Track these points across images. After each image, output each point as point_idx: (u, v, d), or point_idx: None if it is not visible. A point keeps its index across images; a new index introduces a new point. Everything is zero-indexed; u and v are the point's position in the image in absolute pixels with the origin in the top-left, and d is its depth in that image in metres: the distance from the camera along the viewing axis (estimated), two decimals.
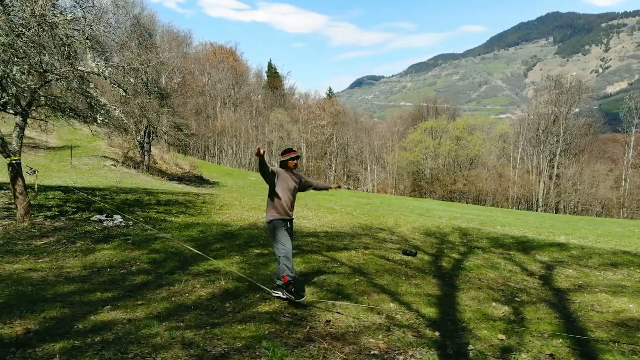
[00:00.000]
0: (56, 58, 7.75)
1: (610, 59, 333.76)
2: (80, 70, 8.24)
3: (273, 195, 5.07)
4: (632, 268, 7.87)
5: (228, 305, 4.82)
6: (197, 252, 6.67)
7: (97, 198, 11.89)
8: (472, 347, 3.83)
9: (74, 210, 9.86)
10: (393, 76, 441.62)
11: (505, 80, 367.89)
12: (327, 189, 5.94)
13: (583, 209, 37.45)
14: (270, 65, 77.38)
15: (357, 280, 5.85)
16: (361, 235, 10.28)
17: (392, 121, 62.50)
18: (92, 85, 8.59)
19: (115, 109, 8.59)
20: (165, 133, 28.35)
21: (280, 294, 4.97)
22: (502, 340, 3.97)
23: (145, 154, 27.94)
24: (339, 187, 5.95)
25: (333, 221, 12.50)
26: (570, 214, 35.12)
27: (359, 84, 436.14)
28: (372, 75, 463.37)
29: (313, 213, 13.72)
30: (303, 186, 5.44)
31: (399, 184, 49.49)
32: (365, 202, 23.25)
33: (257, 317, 4.42)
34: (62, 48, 7.95)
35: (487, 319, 4.51)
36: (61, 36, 7.81)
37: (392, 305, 4.81)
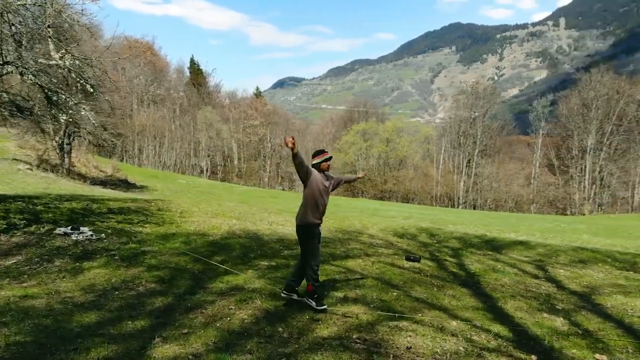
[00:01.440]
0: (12, 48, 6.63)
1: (504, 67, 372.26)
2: (42, 63, 7.12)
3: (308, 197, 4.89)
4: (600, 264, 8.75)
5: (281, 329, 4.42)
6: (230, 269, 6.10)
7: (39, 207, 10.36)
8: None
9: (24, 222, 8.46)
10: (314, 78, 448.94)
11: (415, 85, 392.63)
12: (355, 179, 5.92)
13: (497, 205, 41.51)
14: (192, 62, 73.90)
15: (395, 293, 5.67)
16: (347, 239, 10.20)
17: (323, 123, 63.28)
18: (54, 81, 7.48)
19: (84, 109, 7.54)
20: (89, 133, 25.62)
21: (313, 303, 4.89)
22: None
23: (65, 156, 25.03)
24: (365, 175, 5.74)
25: None
26: (487, 210, 38.63)
27: (280, 84, 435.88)
28: (294, 77, 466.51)
29: (281, 217, 13.35)
30: (334, 185, 5.27)
31: None
32: None
33: (326, 344, 4.06)
34: (19, 36, 6.81)
35: (559, 334, 4.50)
36: (15, 23, 6.69)
37: (454, 323, 4.68)
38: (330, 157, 5.10)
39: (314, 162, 5.06)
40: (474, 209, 40.88)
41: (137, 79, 58.89)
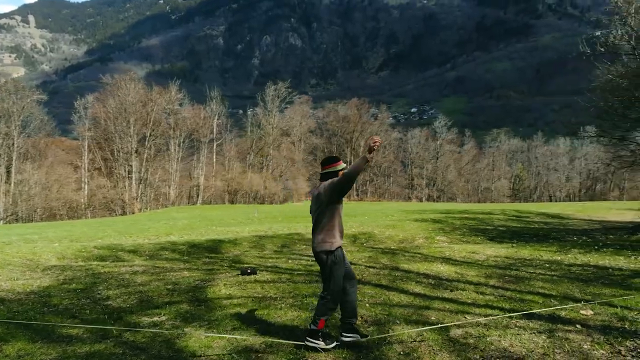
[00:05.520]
0: None
1: None
2: None
3: (336, 216, 4.07)
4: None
5: None
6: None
7: None
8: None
9: None
10: None
11: None
12: None
13: (50, 215, 36.02)
14: None
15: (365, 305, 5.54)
16: (148, 271, 7.62)
17: None
18: None
19: None
20: None
21: (321, 343, 4.02)
22: (588, 315, 4.74)
23: None
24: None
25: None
26: (38, 221, 33.04)
27: None
28: None
29: None
30: None
31: None
32: None
33: None
34: None
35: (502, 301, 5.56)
36: None
37: (481, 319, 4.79)
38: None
39: (334, 169, 4.12)
40: (17, 222, 33.71)
41: None
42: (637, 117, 12.32)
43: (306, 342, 4.00)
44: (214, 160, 50.98)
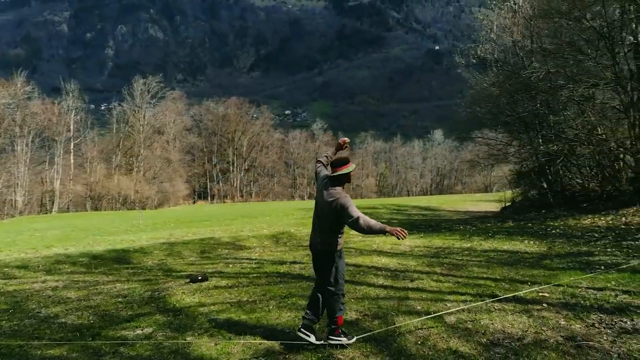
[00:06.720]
0: None
1: None
2: None
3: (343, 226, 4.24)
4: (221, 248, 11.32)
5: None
6: None
7: None
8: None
9: None
10: None
11: None
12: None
13: None
14: None
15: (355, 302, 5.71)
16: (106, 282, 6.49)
17: None
18: None
19: None
20: None
21: (344, 339, 4.16)
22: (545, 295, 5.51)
23: None
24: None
25: None
26: None
27: None
28: None
29: None
30: None
31: None
32: None
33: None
34: None
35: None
36: None
37: (471, 308, 5.11)
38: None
39: (342, 172, 4.12)
40: None
41: None
42: (505, 121, 15.12)
43: (329, 341, 4.11)
44: (72, 161, 44.46)
